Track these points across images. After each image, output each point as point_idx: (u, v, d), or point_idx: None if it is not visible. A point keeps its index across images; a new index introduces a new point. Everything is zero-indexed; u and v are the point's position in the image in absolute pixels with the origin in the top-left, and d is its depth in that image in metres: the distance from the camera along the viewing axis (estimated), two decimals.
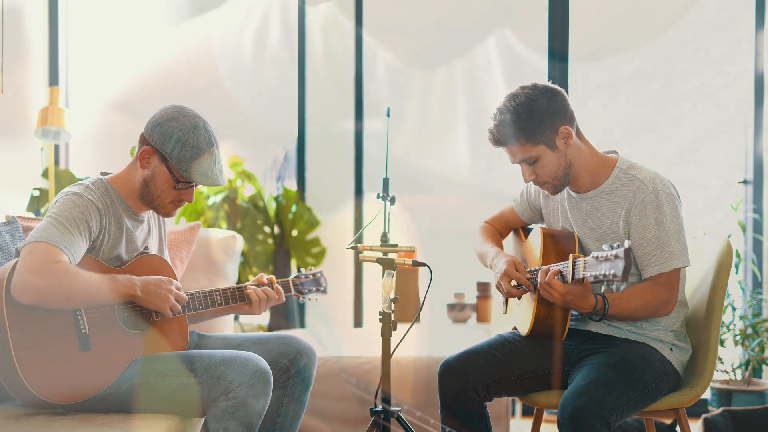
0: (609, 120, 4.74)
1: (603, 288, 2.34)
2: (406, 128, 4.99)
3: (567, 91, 4.35)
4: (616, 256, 2.26)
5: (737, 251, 4.20)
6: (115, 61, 5.11)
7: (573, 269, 2.41)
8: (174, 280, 2.51)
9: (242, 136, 5.04)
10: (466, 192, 4.95)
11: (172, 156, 2.48)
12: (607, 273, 2.27)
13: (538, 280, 2.51)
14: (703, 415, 3.82)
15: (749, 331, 4.09)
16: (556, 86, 2.58)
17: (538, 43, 4.74)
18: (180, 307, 2.50)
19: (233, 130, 5.01)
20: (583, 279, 2.40)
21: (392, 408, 2.58)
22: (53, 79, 4.83)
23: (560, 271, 2.46)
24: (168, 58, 5.12)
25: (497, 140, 2.59)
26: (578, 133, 2.60)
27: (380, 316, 2.53)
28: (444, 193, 5.00)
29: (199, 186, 2.57)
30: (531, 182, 2.65)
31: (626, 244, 2.26)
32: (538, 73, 4.71)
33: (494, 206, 3.01)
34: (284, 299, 2.77)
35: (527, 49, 4.82)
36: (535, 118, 2.52)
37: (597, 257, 2.33)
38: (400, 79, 4.99)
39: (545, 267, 2.51)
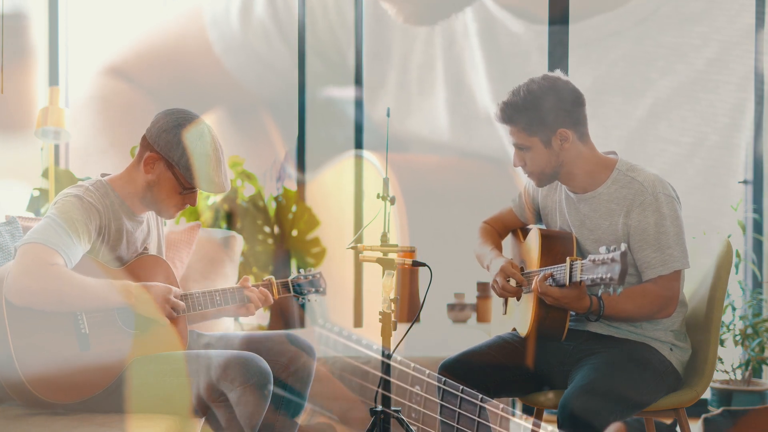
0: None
1: (600, 291, 2.34)
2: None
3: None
4: (613, 260, 2.26)
5: (737, 251, 4.19)
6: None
7: (570, 272, 2.41)
8: (173, 288, 2.51)
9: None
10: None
11: (180, 164, 2.48)
12: (604, 276, 2.27)
13: (533, 284, 2.51)
14: (703, 415, 3.82)
15: (749, 331, 4.09)
16: (577, 88, 2.57)
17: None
18: (176, 314, 2.50)
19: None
20: (580, 282, 2.40)
21: (392, 408, 2.57)
22: (53, 79, 4.82)
23: (552, 275, 2.47)
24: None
25: (500, 118, 2.60)
26: (582, 137, 2.58)
27: (380, 316, 2.53)
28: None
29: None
30: (521, 169, 2.65)
31: (622, 247, 2.26)
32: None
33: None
34: (272, 301, 2.75)
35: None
36: (537, 112, 2.52)
37: (594, 260, 2.33)
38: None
39: (542, 270, 2.52)
